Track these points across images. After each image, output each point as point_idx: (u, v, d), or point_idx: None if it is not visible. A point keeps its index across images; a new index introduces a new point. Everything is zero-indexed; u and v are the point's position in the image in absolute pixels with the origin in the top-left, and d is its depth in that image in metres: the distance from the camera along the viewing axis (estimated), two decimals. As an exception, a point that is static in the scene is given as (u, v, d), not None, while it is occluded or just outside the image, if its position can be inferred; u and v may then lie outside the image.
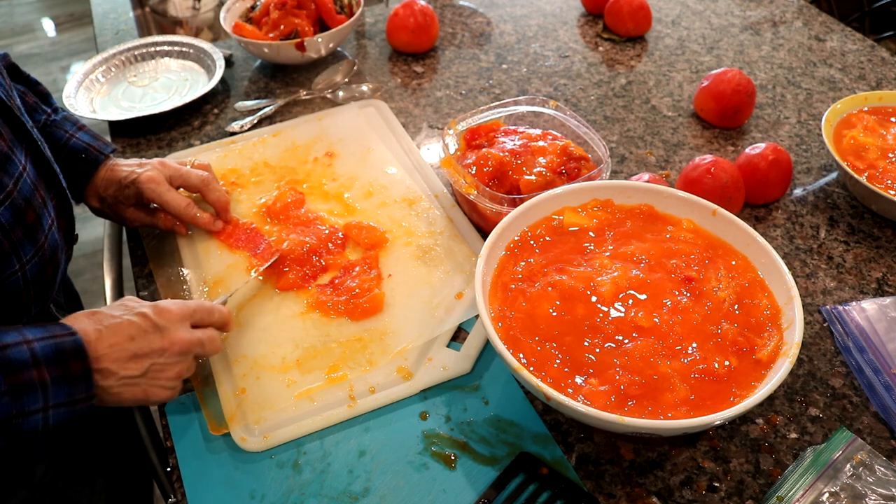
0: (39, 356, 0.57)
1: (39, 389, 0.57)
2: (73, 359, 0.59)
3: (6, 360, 0.56)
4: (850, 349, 0.78)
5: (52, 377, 0.57)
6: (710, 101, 1.09)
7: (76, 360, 0.59)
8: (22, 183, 0.67)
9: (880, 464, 0.66)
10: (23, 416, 0.56)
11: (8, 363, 0.56)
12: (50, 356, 0.58)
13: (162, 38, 1.26)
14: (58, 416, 0.59)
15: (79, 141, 0.85)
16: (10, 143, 0.66)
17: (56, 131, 0.84)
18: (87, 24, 3.33)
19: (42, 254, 0.69)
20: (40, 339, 0.58)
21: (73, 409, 0.59)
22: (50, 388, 0.57)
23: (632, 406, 0.63)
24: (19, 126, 0.69)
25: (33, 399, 0.57)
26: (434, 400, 0.74)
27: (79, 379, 0.59)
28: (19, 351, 0.57)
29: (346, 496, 0.67)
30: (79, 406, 0.60)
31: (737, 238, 0.76)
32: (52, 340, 0.58)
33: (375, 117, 1.10)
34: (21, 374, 0.56)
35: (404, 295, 0.83)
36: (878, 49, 1.28)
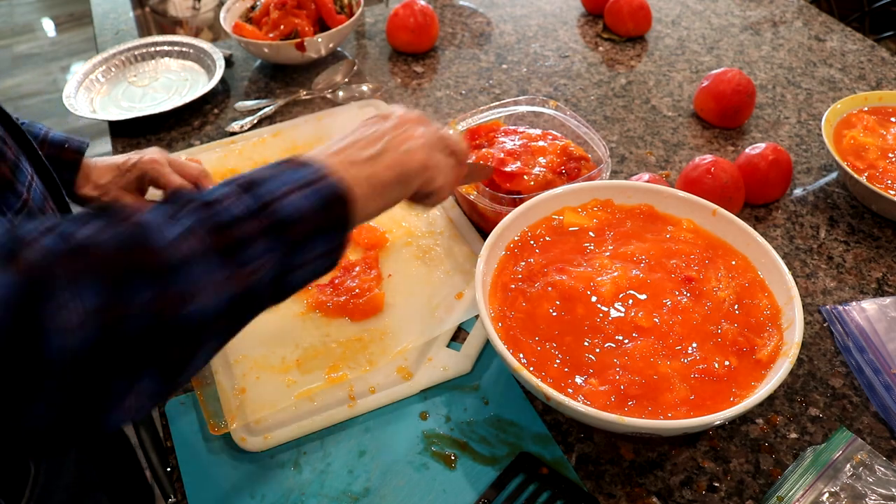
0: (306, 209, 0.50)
1: (269, 179, 0.50)
2: (335, 206, 0.52)
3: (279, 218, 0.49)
4: (850, 349, 0.78)
5: (273, 170, 0.51)
6: (710, 101, 1.09)
7: (337, 206, 0.52)
8: (33, 192, 0.66)
9: (880, 464, 0.66)
10: (276, 201, 0.49)
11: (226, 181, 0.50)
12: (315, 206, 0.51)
13: (162, 38, 1.26)
14: (310, 196, 0.51)
15: (56, 135, 0.84)
16: (15, 151, 0.65)
17: (31, 129, 0.83)
18: (87, 24, 3.34)
19: None
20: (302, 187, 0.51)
21: (318, 187, 0.52)
22: (278, 176, 0.51)
23: (632, 406, 0.63)
24: (20, 134, 0.69)
25: (271, 185, 0.50)
26: (434, 400, 0.74)
27: (336, 226, 0.53)
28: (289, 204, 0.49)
29: (346, 496, 0.67)
30: (322, 183, 0.52)
31: (737, 238, 0.76)
32: (313, 187, 0.51)
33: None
34: (244, 178, 0.50)
35: (404, 295, 0.83)
36: (878, 49, 1.28)
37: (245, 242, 0.46)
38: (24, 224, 0.41)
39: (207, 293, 0.44)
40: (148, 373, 0.42)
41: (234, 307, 0.46)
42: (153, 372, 0.42)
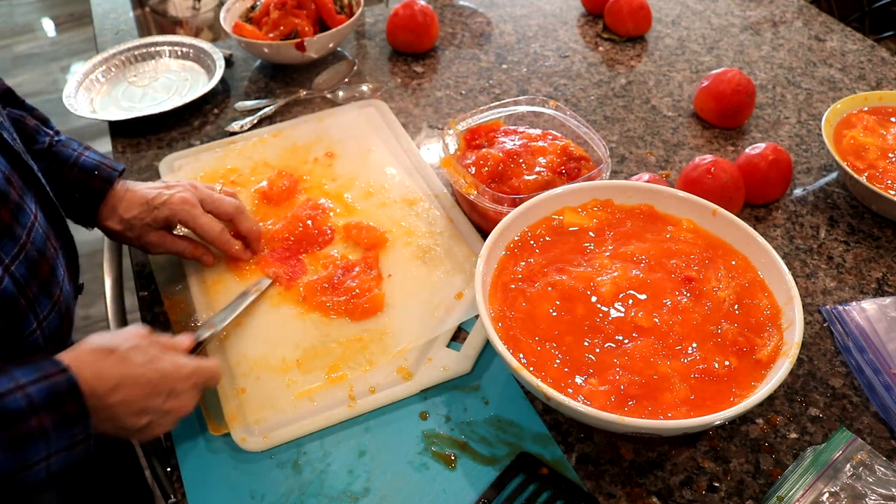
0: (36, 402, 0.53)
1: (41, 439, 0.54)
2: (68, 399, 0.55)
3: (4, 412, 0.52)
4: (850, 349, 0.78)
5: (52, 423, 0.54)
6: (710, 101, 1.09)
7: (71, 401, 0.56)
8: (34, 233, 0.64)
9: (880, 464, 0.66)
10: (26, 469, 0.53)
11: (6, 415, 0.52)
12: (45, 400, 0.54)
13: (162, 38, 1.26)
14: (59, 463, 0.56)
15: (88, 158, 0.81)
16: (20, 191, 0.64)
17: (64, 150, 0.80)
18: (87, 24, 3.34)
19: (58, 308, 0.66)
20: (34, 383, 0.54)
21: (73, 452, 0.56)
22: (51, 434, 0.54)
23: (632, 406, 0.63)
24: (28, 171, 0.67)
25: (35, 450, 0.53)
26: (434, 400, 0.74)
27: (76, 420, 0.56)
28: (15, 400, 0.53)
29: (346, 496, 0.67)
30: (77, 449, 0.57)
31: (737, 238, 0.76)
32: (46, 382, 0.55)
33: (375, 117, 1.10)
34: (20, 425, 0.53)
35: (404, 295, 0.83)
36: (878, 49, 1.28)
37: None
38: None
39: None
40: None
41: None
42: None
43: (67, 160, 0.80)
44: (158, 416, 0.63)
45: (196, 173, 1.00)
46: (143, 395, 0.61)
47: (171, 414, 0.64)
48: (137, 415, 0.61)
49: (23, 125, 0.79)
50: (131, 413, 0.61)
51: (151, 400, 0.62)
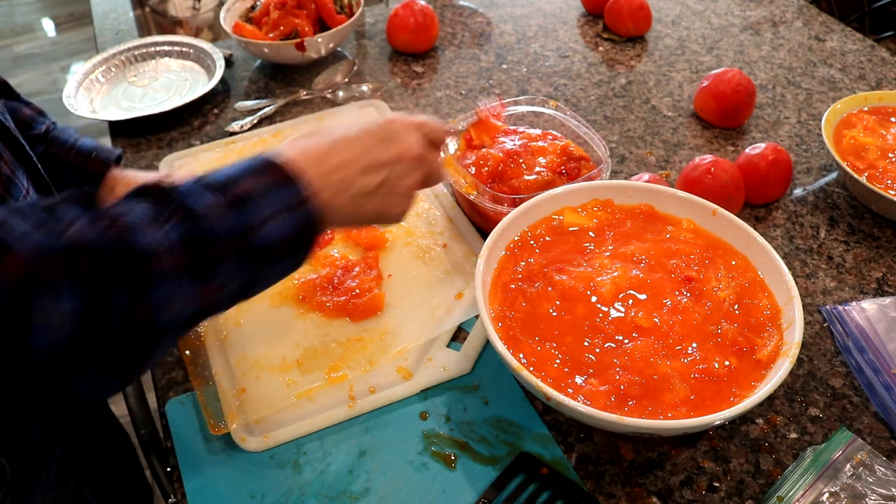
0: (241, 171, 0.53)
1: (256, 198, 0.52)
2: (269, 168, 0.54)
3: (214, 181, 0.52)
4: (850, 349, 0.78)
5: (262, 185, 0.53)
6: (710, 101, 1.09)
7: (274, 167, 0.54)
8: None
9: (880, 464, 0.66)
10: (256, 228, 0.51)
11: (216, 182, 0.52)
12: (250, 169, 0.53)
13: (162, 38, 1.26)
14: (285, 226, 0.53)
15: (86, 143, 0.83)
16: (11, 166, 0.64)
17: (60, 135, 0.82)
18: (87, 24, 3.34)
19: None
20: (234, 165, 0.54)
21: (296, 213, 0.54)
22: (265, 195, 0.52)
23: (632, 406, 0.63)
24: (19, 147, 0.68)
25: (256, 207, 0.52)
26: (434, 400, 0.74)
27: (287, 181, 0.54)
28: (217, 174, 0.53)
29: (346, 496, 0.67)
30: (300, 210, 0.54)
31: (737, 238, 0.76)
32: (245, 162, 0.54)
33: (375, 117, 1.10)
34: (232, 188, 0.52)
35: (404, 295, 0.83)
36: (878, 49, 1.28)
37: (219, 261, 0.50)
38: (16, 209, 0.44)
39: (177, 305, 0.48)
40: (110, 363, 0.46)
41: (196, 317, 0.51)
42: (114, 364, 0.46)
43: (65, 143, 0.81)
44: (390, 167, 0.61)
45: (196, 173, 1.00)
46: (362, 150, 0.60)
47: (401, 160, 0.62)
48: (366, 173, 0.59)
49: (19, 113, 0.80)
50: (358, 172, 0.59)
51: (371, 152, 0.60)
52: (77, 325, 0.42)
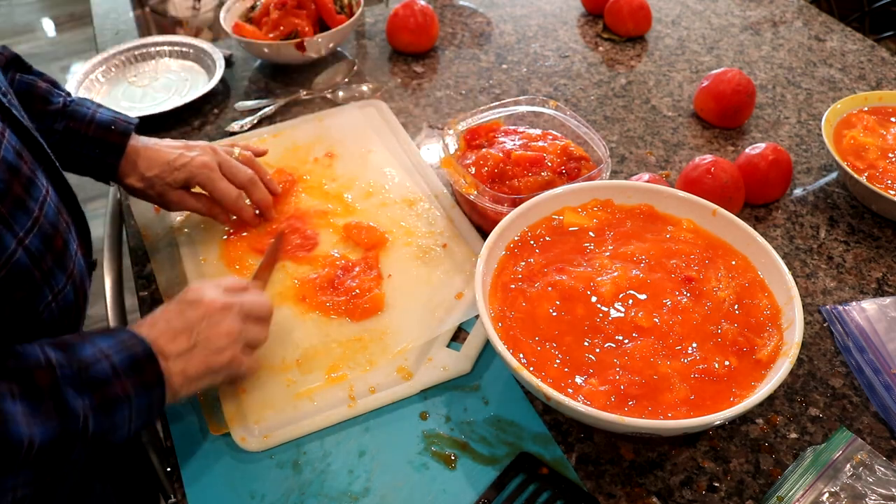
0: (119, 368, 0.58)
1: (125, 401, 0.58)
2: (147, 364, 0.60)
3: (92, 378, 0.57)
4: (850, 349, 0.78)
5: (134, 387, 0.59)
6: (710, 101, 1.09)
7: (150, 365, 0.60)
8: (47, 207, 0.65)
9: (880, 464, 0.66)
10: (114, 430, 0.58)
11: (94, 380, 0.57)
12: (127, 367, 0.59)
13: (162, 38, 1.26)
14: (138, 423, 0.60)
15: (104, 114, 0.83)
16: (31, 166, 0.64)
17: (79, 109, 0.82)
18: (87, 24, 3.33)
19: (73, 281, 0.67)
20: (116, 351, 0.59)
21: (151, 413, 0.61)
22: (133, 398, 0.59)
23: (632, 406, 0.63)
24: (37, 147, 0.68)
25: (121, 412, 0.58)
26: (434, 400, 0.74)
27: (154, 384, 0.60)
28: (101, 367, 0.58)
29: (346, 496, 0.67)
30: (154, 410, 0.61)
31: (737, 238, 0.76)
32: (127, 351, 0.60)
33: (375, 117, 1.10)
34: (107, 389, 0.57)
35: (404, 295, 0.83)
36: (878, 49, 1.28)
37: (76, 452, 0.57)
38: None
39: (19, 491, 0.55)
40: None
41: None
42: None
43: (84, 117, 0.82)
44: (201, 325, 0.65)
45: (196, 173, 1.00)
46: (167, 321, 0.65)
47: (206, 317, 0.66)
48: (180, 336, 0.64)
49: (35, 88, 0.81)
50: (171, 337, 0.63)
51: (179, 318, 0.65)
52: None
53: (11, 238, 0.59)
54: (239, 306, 0.69)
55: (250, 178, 0.88)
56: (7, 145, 0.61)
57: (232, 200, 0.86)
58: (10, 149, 0.62)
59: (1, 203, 0.59)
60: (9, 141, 0.62)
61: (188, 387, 0.64)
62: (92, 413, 0.56)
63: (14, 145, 0.62)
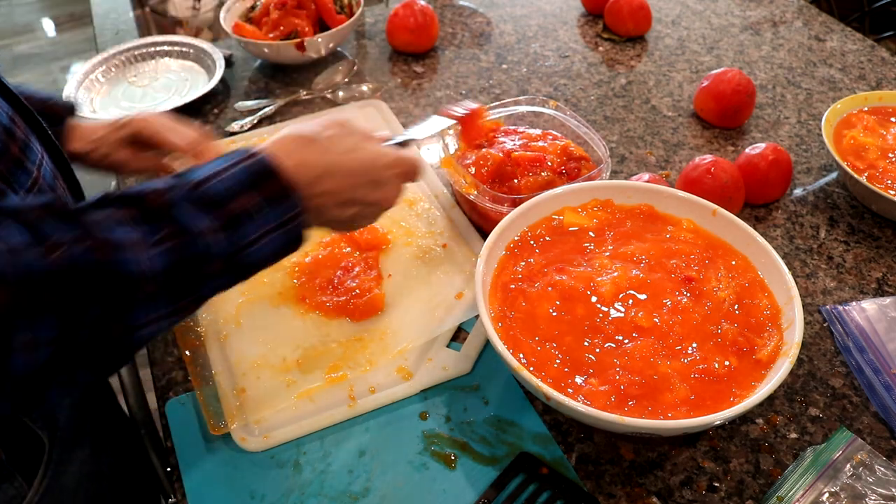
0: (237, 184, 0.53)
1: (252, 216, 0.53)
2: (269, 178, 0.55)
3: (209, 196, 0.52)
4: (850, 349, 0.78)
5: (258, 201, 0.53)
6: (710, 101, 1.09)
7: (272, 179, 0.55)
8: (44, 170, 0.64)
9: (880, 464, 0.66)
10: (246, 248, 0.53)
11: (211, 199, 0.52)
12: (246, 181, 0.53)
13: (162, 38, 1.26)
14: (276, 242, 0.55)
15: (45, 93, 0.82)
16: (24, 131, 0.64)
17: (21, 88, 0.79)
18: (87, 24, 3.33)
19: None
20: (229, 168, 0.54)
21: (286, 231, 0.55)
22: (261, 212, 0.53)
23: (632, 406, 0.63)
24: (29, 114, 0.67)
25: (251, 227, 0.53)
26: (434, 400, 0.74)
27: (282, 197, 0.55)
28: (216, 185, 0.52)
29: (346, 496, 0.67)
30: (290, 227, 0.56)
31: (737, 238, 0.76)
32: (242, 165, 0.54)
33: (375, 117, 1.10)
34: (229, 205, 0.52)
35: (404, 295, 0.83)
36: (878, 49, 1.28)
37: (207, 279, 0.52)
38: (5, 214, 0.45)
39: (153, 325, 0.50)
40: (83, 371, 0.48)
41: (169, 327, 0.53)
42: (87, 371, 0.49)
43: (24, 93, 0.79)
44: (364, 207, 0.63)
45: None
46: (348, 186, 0.61)
47: (377, 205, 0.64)
48: (344, 205, 0.61)
49: None
50: (338, 203, 0.61)
51: (357, 190, 0.62)
52: (53, 349, 0.44)
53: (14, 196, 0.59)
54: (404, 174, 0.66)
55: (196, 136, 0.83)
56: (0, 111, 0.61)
57: (191, 140, 0.82)
58: (3, 113, 0.61)
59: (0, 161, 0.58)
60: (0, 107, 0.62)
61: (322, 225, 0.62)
62: (215, 231, 0.51)
63: (6, 111, 0.62)
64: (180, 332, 0.80)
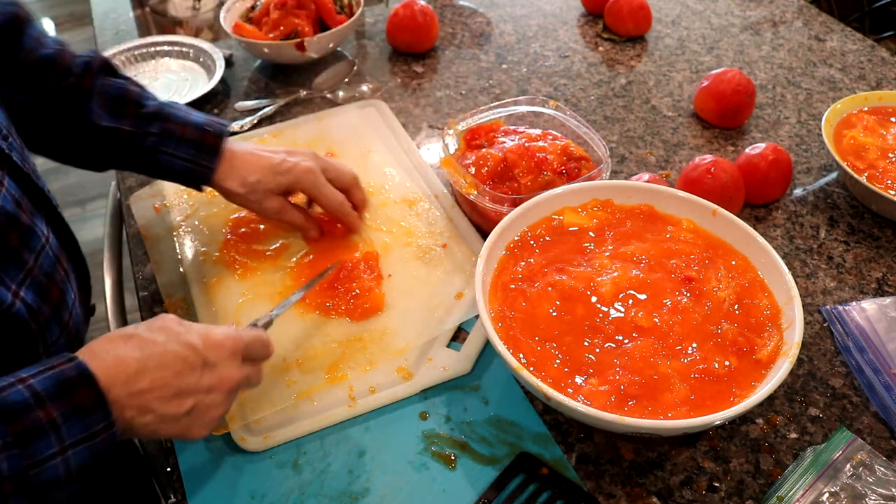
0: (41, 392, 0.49)
1: (50, 430, 0.49)
2: (79, 387, 0.51)
3: (4, 406, 0.48)
4: (850, 349, 0.78)
5: (61, 413, 0.49)
6: (710, 101, 1.09)
7: (83, 388, 0.51)
8: (43, 257, 0.62)
9: (880, 464, 0.66)
10: (38, 465, 0.49)
11: (6, 409, 0.48)
12: (51, 390, 0.50)
13: (162, 38, 1.26)
14: (79, 457, 0.51)
15: (198, 116, 0.81)
16: (30, 214, 0.61)
17: (174, 111, 0.80)
18: (87, 24, 3.33)
19: (67, 332, 0.64)
20: (36, 375, 0.50)
21: (93, 443, 0.51)
22: (62, 426, 0.49)
23: (632, 406, 0.63)
24: (38, 193, 0.65)
25: (45, 443, 0.49)
26: (434, 400, 0.74)
27: (92, 408, 0.51)
28: (16, 392, 0.49)
29: (346, 496, 0.67)
30: (99, 439, 0.51)
31: (737, 238, 0.76)
32: (51, 372, 0.51)
33: (375, 117, 1.10)
34: (24, 417, 0.48)
35: (404, 295, 0.83)
36: (878, 49, 1.28)
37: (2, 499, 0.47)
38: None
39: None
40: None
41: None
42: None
43: (179, 119, 0.79)
44: (202, 396, 0.58)
45: (196, 173, 1.00)
46: (173, 374, 0.56)
47: (214, 390, 0.58)
48: (175, 399, 0.56)
49: (128, 92, 0.79)
50: (167, 397, 0.56)
51: (184, 378, 0.56)
52: None
53: (6, 290, 0.57)
54: (246, 382, 0.63)
55: (354, 177, 0.87)
56: (6, 194, 0.59)
57: (338, 204, 0.85)
58: (9, 198, 0.59)
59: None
60: (8, 189, 0.60)
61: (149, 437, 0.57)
62: (4, 448, 0.47)
63: (14, 194, 0.60)
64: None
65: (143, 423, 0.55)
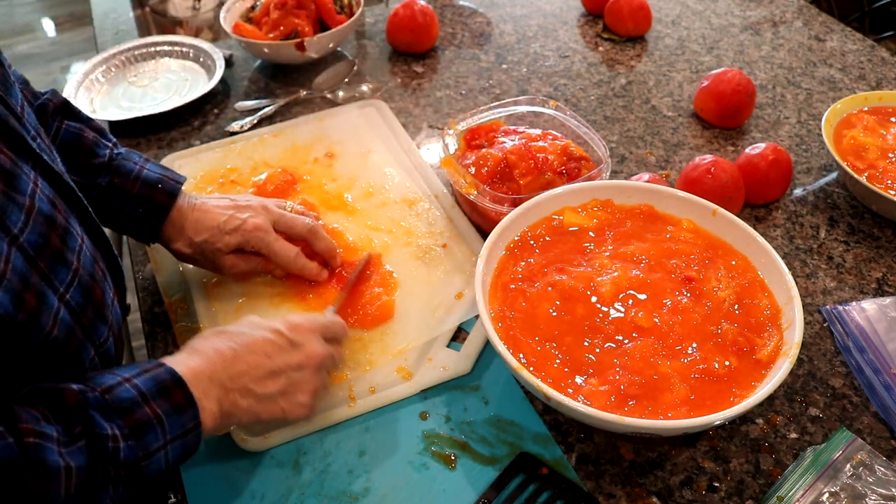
0: (145, 391, 0.54)
1: (157, 425, 0.54)
2: (175, 388, 0.56)
3: (117, 402, 0.53)
4: (850, 349, 0.78)
5: (163, 410, 0.55)
6: (710, 101, 1.09)
7: (177, 390, 0.56)
8: (84, 257, 0.61)
9: (880, 464, 0.66)
10: (149, 457, 0.54)
11: (120, 405, 0.53)
12: (153, 390, 0.55)
13: (162, 38, 1.26)
14: (175, 452, 0.56)
15: (151, 171, 0.78)
16: (65, 215, 0.61)
17: (125, 163, 0.77)
18: (87, 24, 3.33)
19: (112, 332, 0.64)
20: (138, 376, 0.55)
21: (186, 440, 0.56)
22: (165, 422, 0.55)
23: (632, 406, 0.63)
24: (69, 192, 0.64)
25: (154, 437, 0.54)
26: (434, 400, 0.74)
27: (185, 407, 0.56)
28: (124, 390, 0.54)
29: (346, 496, 0.67)
30: (190, 436, 0.57)
31: (737, 238, 0.76)
32: (147, 375, 0.56)
33: (375, 117, 1.10)
34: (136, 412, 0.53)
35: (404, 295, 0.83)
36: (878, 49, 1.28)
37: (112, 484, 0.52)
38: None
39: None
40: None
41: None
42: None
43: (130, 173, 0.77)
44: (292, 373, 0.64)
45: (196, 173, 1.00)
46: (264, 356, 0.63)
47: (303, 367, 0.65)
48: (270, 378, 0.62)
49: (82, 138, 0.77)
50: (262, 377, 0.62)
51: (274, 358, 0.63)
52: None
53: (53, 295, 0.56)
54: (331, 360, 0.69)
55: (310, 229, 0.82)
56: (41, 195, 0.58)
57: (291, 260, 0.81)
58: (45, 199, 0.58)
59: (40, 258, 0.56)
60: (42, 191, 0.58)
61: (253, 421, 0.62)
62: (122, 438, 0.52)
63: (48, 195, 0.59)
64: (179, 333, 0.80)
65: (245, 407, 0.61)
